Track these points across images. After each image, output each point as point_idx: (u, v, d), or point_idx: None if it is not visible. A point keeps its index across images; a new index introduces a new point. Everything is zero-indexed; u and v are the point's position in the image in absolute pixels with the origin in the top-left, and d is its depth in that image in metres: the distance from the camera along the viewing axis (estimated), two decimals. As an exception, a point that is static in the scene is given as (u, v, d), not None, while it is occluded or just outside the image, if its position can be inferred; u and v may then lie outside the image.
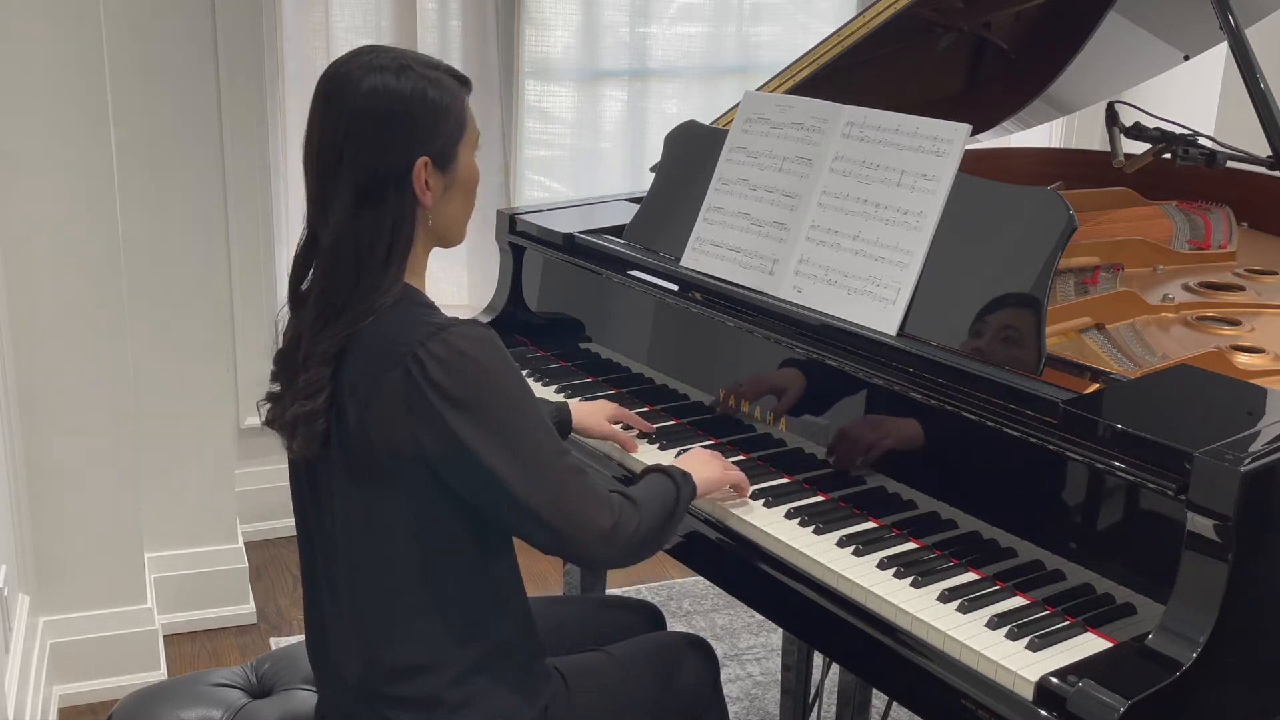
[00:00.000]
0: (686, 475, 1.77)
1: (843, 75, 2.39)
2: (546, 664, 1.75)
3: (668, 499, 1.71)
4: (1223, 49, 2.48)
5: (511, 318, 2.53)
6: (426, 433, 1.52)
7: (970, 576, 1.67)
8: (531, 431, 1.56)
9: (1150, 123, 2.30)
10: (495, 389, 1.54)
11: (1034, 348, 1.72)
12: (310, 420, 1.56)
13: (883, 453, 1.82)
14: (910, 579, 1.66)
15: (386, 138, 1.55)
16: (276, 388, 1.66)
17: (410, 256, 1.59)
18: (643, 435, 2.08)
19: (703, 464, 1.83)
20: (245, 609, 3.27)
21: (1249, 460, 1.41)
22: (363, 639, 1.64)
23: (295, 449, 1.60)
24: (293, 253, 1.66)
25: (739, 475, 1.87)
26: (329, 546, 1.66)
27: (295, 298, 1.64)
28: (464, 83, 1.63)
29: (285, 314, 1.67)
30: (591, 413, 2.06)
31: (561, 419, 2.02)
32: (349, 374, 1.55)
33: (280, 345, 1.67)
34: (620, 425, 2.08)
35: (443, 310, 1.61)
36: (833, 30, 2.37)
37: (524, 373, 2.33)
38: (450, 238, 1.66)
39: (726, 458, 1.94)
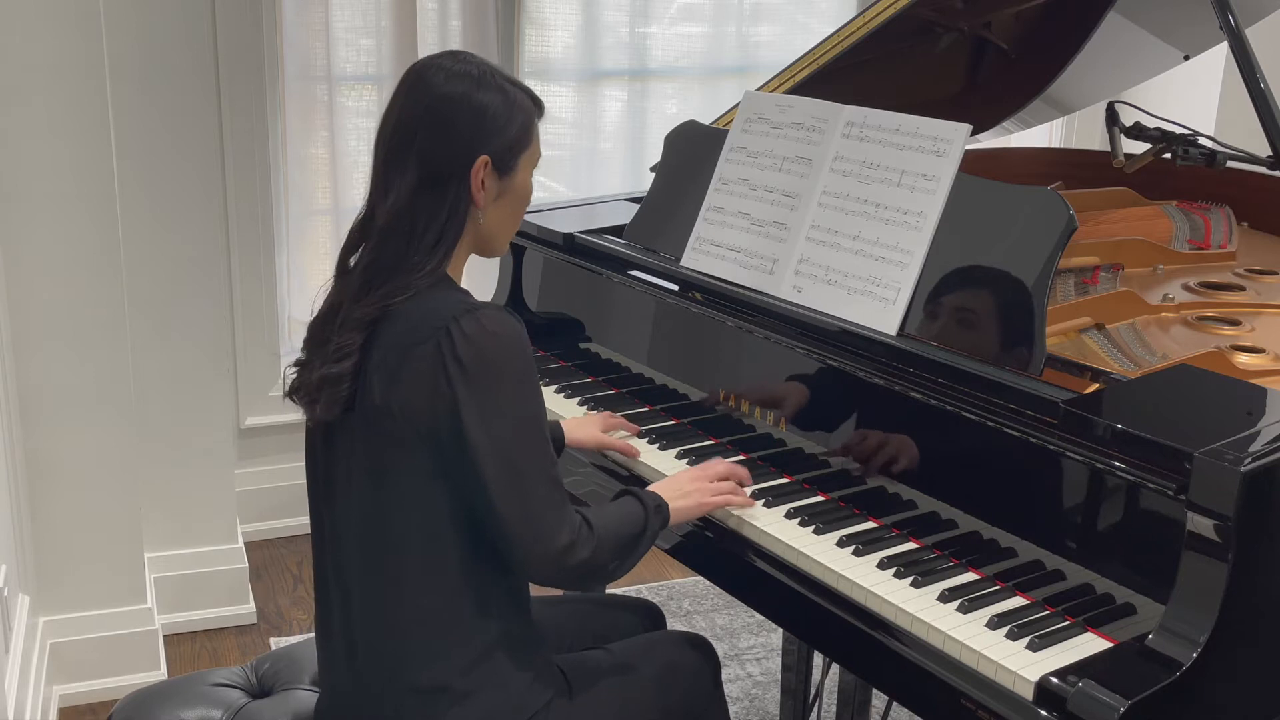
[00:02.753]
0: (660, 506, 1.75)
1: (843, 75, 2.39)
2: (548, 662, 1.75)
3: (633, 528, 1.70)
4: (1223, 49, 2.48)
5: (511, 318, 2.53)
6: (440, 401, 1.56)
7: (970, 576, 1.67)
8: (525, 428, 1.59)
9: (1150, 123, 2.30)
10: (505, 372, 1.58)
11: (1034, 347, 1.72)
12: (336, 383, 1.61)
13: (883, 452, 1.82)
14: (910, 579, 1.66)
15: (457, 133, 1.64)
16: (304, 356, 1.70)
17: (455, 251, 1.66)
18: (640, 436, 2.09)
19: (682, 493, 1.81)
20: (245, 609, 3.27)
21: (1249, 460, 1.41)
22: (370, 621, 1.65)
23: (319, 412, 1.64)
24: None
25: (723, 500, 1.83)
26: (340, 526, 1.67)
27: (342, 269, 1.70)
28: (537, 104, 1.75)
29: (325, 288, 1.72)
30: (582, 426, 2.07)
31: (555, 436, 2.02)
32: (380, 346, 1.60)
33: (315, 315, 1.71)
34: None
35: None
36: (833, 30, 2.37)
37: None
38: (493, 246, 1.74)
39: (726, 458, 1.95)
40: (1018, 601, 1.60)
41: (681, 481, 1.84)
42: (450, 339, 1.56)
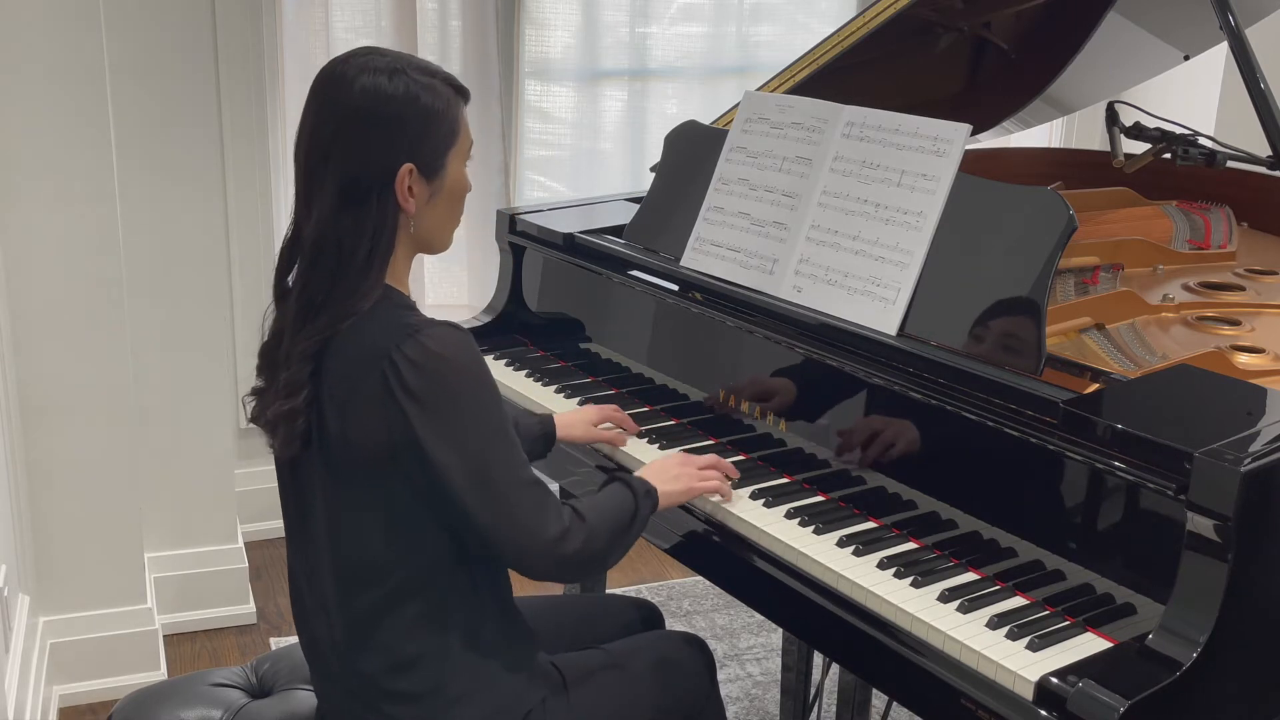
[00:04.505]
0: (650, 490, 1.75)
1: (843, 75, 2.39)
2: (542, 660, 1.75)
3: (624, 514, 1.70)
4: (1223, 49, 2.48)
5: (511, 318, 2.53)
6: (395, 430, 1.53)
7: (970, 576, 1.67)
8: (491, 440, 1.56)
9: (1150, 123, 2.31)
10: (460, 392, 1.54)
11: (1034, 348, 1.72)
12: (291, 419, 1.57)
13: (883, 453, 1.82)
14: (910, 579, 1.66)
15: (373, 140, 1.55)
16: (261, 383, 1.67)
17: (391, 261, 1.60)
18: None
19: (671, 477, 1.82)
20: (245, 609, 3.27)
21: (1249, 460, 1.41)
22: (353, 637, 1.64)
23: (277, 448, 1.62)
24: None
25: (713, 485, 1.85)
26: (313, 546, 1.66)
27: (280, 291, 1.65)
28: (460, 91, 1.63)
29: (272, 309, 1.68)
30: (574, 423, 2.06)
31: (546, 431, 2.02)
32: (329, 375, 1.56)
33: (265, 339, 1.68)
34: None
35: (441, 310, 1.62)
36: (833, 30, 2.38)
37: (523, 373, 2.35)
38: (434, 245, 1.67)
39: (726, 458, 1.94)
40: (1018, 601, 1.60)
41: (669, 465, 1.85)
42: (395, 368, 1.52)
